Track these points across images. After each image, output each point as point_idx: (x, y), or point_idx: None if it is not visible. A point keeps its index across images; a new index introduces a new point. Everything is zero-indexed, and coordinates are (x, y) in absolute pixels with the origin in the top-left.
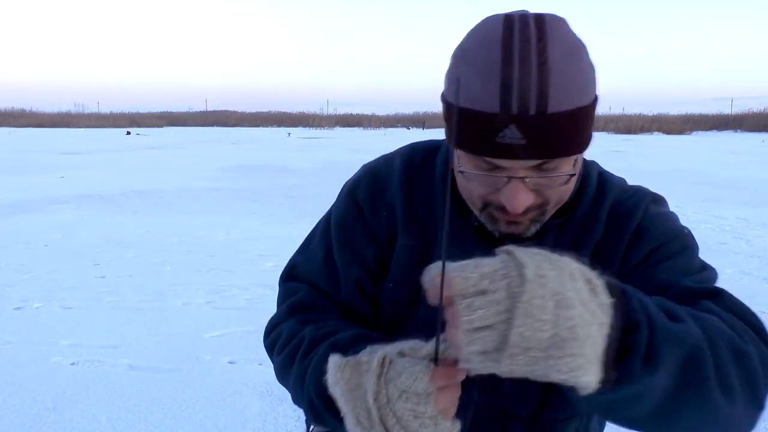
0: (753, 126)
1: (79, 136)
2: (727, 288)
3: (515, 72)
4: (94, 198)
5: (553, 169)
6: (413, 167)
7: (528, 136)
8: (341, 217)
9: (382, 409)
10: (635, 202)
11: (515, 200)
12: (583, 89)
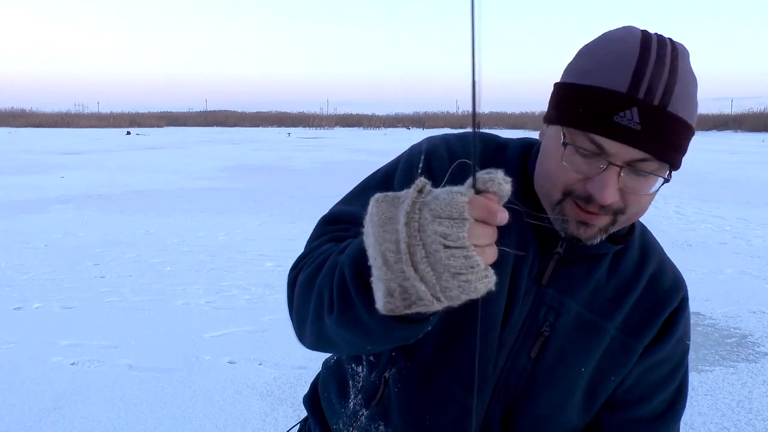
0: (753, 126)
1: (79, 136)
2: (727, 288)
3: (650, 64)
4: (94, 198)
5: (647, 173)
6: (488, 154)
7: (645, 124)
8: (408, 171)
9: (412, 238)
10: (675, 289)
11: (606, 189)
12: (692, 111)
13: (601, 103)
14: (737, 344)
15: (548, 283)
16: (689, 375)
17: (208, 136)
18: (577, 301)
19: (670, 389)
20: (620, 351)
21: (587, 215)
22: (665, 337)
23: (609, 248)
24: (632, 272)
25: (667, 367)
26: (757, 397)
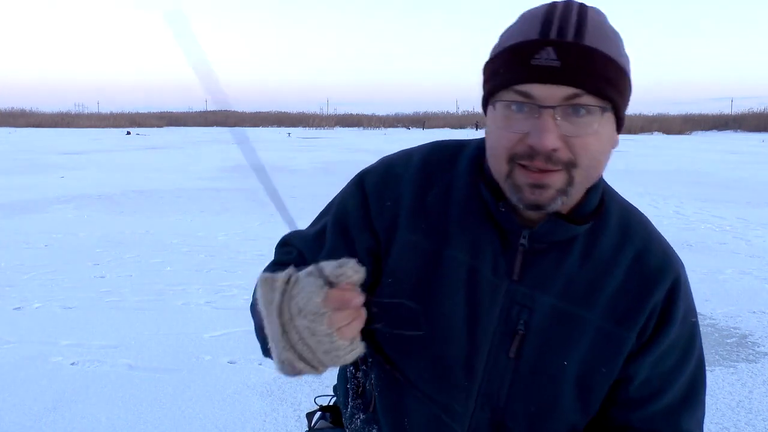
0: (753, 126)
1: (79, 136)
2: (727, 288)
3: (558, 11)
4: (94, 198)
5: (585, 113)
6: (432, 164)
7: (563, 59)
8: (344, 201)
9: (286, 324)
10: (664, 267)
11: (544, 133)
12: (618, 53)
13: (514, 55)
14: (737, 344)
15: (519, 279)
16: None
17: (208, 136)
18: (551, 294)
19: (686, 372)
20: (607, 341)
21: (538, 175)
22: (666, 324)
23: (576, 230)
24: (609, 255)
25: (677, 352)
26: (757, 397)
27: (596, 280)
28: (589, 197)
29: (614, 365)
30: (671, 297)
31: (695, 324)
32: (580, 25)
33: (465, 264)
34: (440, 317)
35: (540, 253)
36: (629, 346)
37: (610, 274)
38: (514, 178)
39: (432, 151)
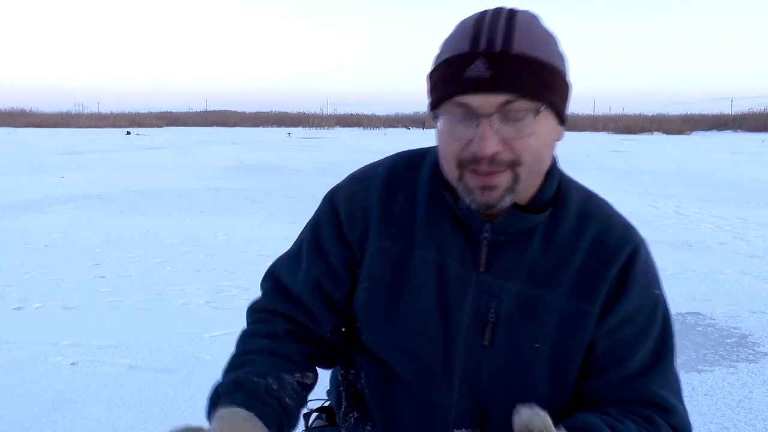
0: (753, 126)
1: (79, 136)
2: (727, 288)
3: (486, 21)
4: (94, 198)
5: (520, 117)
6: (397, 173)
7: (493, 68)
8: (317, 219)
9: None
10: (623, 241)
11: (483, 141)
12: (549, 54)
13: (449, 69)
14: (737, 344)
15: (485, 270)
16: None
17: (208, 136)
18: (516, 281)
19: (650, 340)
20: (573, 318)
21: (484, 177)
22: (622, 293)
23: (535, 219)
24: (570, 238)
25: (639, 321)
26: (757, 397)
27: (558, 263)
28: (545, 188)
29: (582, 341)
30: (628, 267)
31: (659, 296)
32: (508, 33)
33: (434, 262)
34: (415, 315)
35: (503, 244)
36: (594, 320)
37: (571, 256)
38: (465, 181)
39: (395, 162)
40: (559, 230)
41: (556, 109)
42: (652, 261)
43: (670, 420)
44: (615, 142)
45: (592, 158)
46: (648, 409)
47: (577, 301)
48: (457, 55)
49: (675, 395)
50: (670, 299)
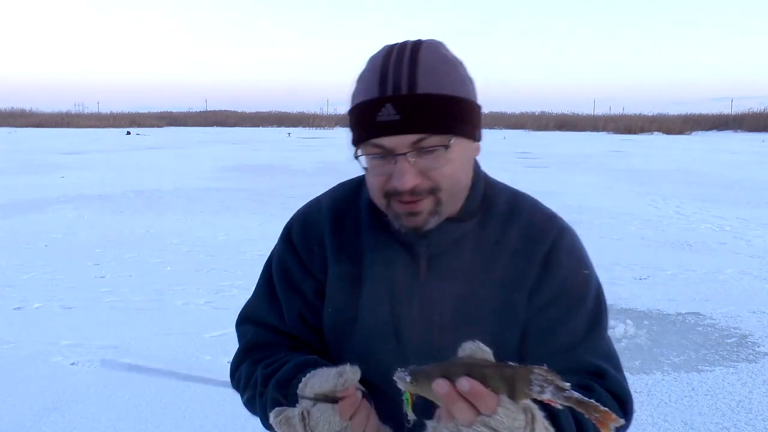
0: (753, 126)
1: (79, 136)
2: (727, 288)
3: (391, 65)
4: (94, 198)
5: (432, 150)
6: (340, 203)
7: (401, 112)
8: (280, 258)
9: None
10: (547, 229)
11: (402, 177)
12: (455, 84)
13: (365, 113)
14: (737, 344)
15: (427, 279)
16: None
17: (208, 136)
18: (454, 283)
19: (580, 318)
20: (509, 307)
21: (408, 205)
22: (548, 275)
23: (466, 227)
24: (498, 237)
25: (569, 299)
26: (757, 397)
27: (490, 260)
28: (471, 197)
29: (519, 326)
30: (552, 250)
31: (588, 275)
32: (413, 73)
33: (383, 276)
34: (372, 325)
35: (440, 253)
36: (525, 305)
37: (501, 252)
38: (393, 208)
39: (336, 194)
40: (489, 231)
41: (467, 134)
42: (578, 244)
43: (605, 384)
44: (615, 142)
45: (592, 158)
46: (584, 377)
47: (510, 292)
48: (368, 100)
49: (609, 362)
50: (670, 299)
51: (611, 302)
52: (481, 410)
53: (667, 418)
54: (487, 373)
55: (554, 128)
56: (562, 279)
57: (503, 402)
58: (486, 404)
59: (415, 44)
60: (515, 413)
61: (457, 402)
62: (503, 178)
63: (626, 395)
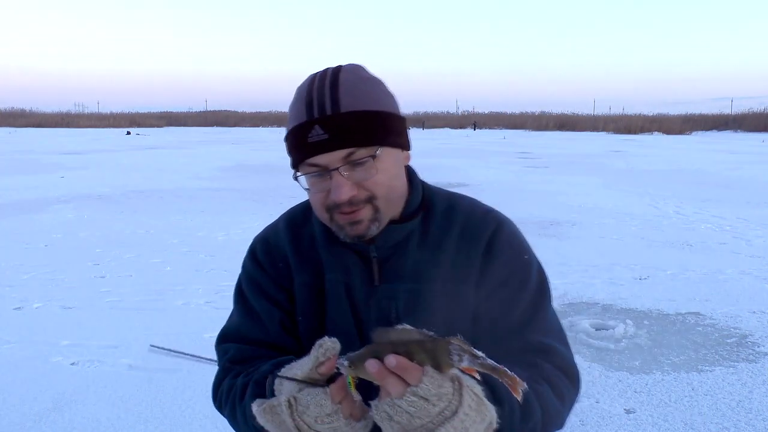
0: (753, 126)
1: (79, 136)
2: (727, 288)
3: (314, 89)
4: (94, 198)
5: (362, 162)
6: (295, 222)
7: (329, 131)
8: (250, 277)
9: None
10: (485, 222)
11: (338, 190)
12: (375, 100)
13: (297, 137)
14: (737, 344)
15: (380, 280)
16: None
17: (208, 136)
18: (404, 281)
19: (524, 300)
20: (457, 298)
21: (348, 215)
22: (491, 263)
23: (408, 227)
24: (440, 234)
25: (511, 285)
26: (757, 397)
27: (435, 256)
28: (411, 200)
29: (468, 316)
30: (493, 240)
31: (529, 260)
32: (334, 95)
33: (342, 282)
34: (335, 327)
35: (389, 256)
36: (472, 295)
37: (444, 247)
38: (336, 221)
39: (290, 216)
40: (431, 229)
41: (393, 144)
42: (517, 233)
43: (551, 360)
44: (615, 142)
45: (592, 158)
46: (531, 355)
47: (456, 283)
48: (299, 125)
49: (555, 339)
50: (670, 299)
51: (611, 302)
52: (409, 382)
53: (667, 418)
54: (411, 348)
55: (554, 128)
56: (504, 266)
57: (428, 372)
58: (412, 376)
59: (335, 69)
60: (441, 381)
61: (388, 377)
62: (503, 178)
63: (571, 367)
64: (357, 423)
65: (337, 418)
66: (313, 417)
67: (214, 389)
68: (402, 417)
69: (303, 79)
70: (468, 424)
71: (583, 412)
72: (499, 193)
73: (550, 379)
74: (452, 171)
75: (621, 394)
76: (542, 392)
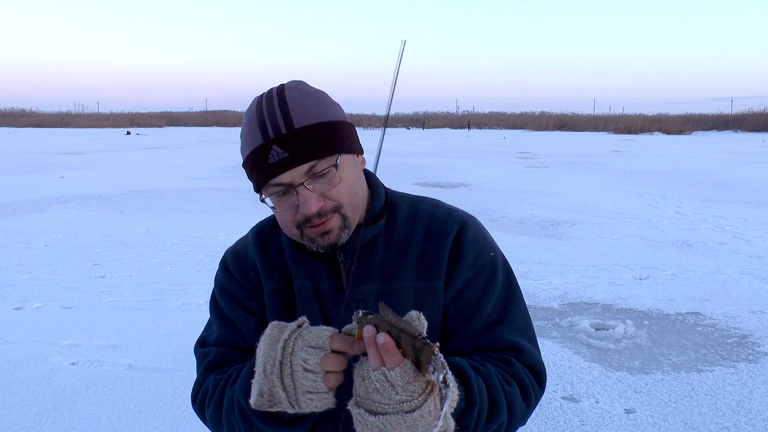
0: (753, 126)
1: (79, 136)
2: (727, 288)
3: (265, 111)
4: (94, 198)
5: (324, 173)
6: (264, 234)
7: (288, 149)
8: (223, 287)
9: (285, 358)
10: (450, 221)
11: (307, 203)
12: (323, 112)
13: (256, 161)
14: (737, 344)
15: (348, 284)
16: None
17: (208, 136)
18: (372, 282)
19: (494, 297)
20: (426, 296)
21: (319, 227)
22: (459, 261)
23: (373, 230)
24: (405, 234)
25: (481, 281)
26: (757, 397)
27: (401, 256)
28: (373, 203)
29: (438, 312)
30: (459, 239)
31: (495, 257)
32: (285, 113)
33: (310, 288)
34: None
35: (356, 260)
36: (442, 292)
37: (410, 247)
38: (307, 235)
39: (258, 229)
40: (396, 231)
41: (350, 150)
42: (482, 230)
43: (522, 359)
44: (615, 142)
45: (592, 158)
46: (503, 353)
47: (425, 282)
48: (256, 148)
49: (525, 337)
50: (670, 299)
51: (611, 302)
52: (386, 363)
53: (667, 418)
54: (402, 337)
55: (554, 128)
56: (471, 265)
57: (405, 364)
58: (390, 360)
59: (279, 89)
60: (411, 377)
61: (371, 348)
62: (503, 178)
63: (540, 368)
64: (320, 382)
65: (318, 354)
66: (304, 342)
67: (195, 391)
68: (369, 385)
69: (247, 112)
70: (421, 425)
71: (583, 412)
72: (499, 193)
73: (520, 379)
74: (452, 171)
75: (621, 394)
76: (511, 394)
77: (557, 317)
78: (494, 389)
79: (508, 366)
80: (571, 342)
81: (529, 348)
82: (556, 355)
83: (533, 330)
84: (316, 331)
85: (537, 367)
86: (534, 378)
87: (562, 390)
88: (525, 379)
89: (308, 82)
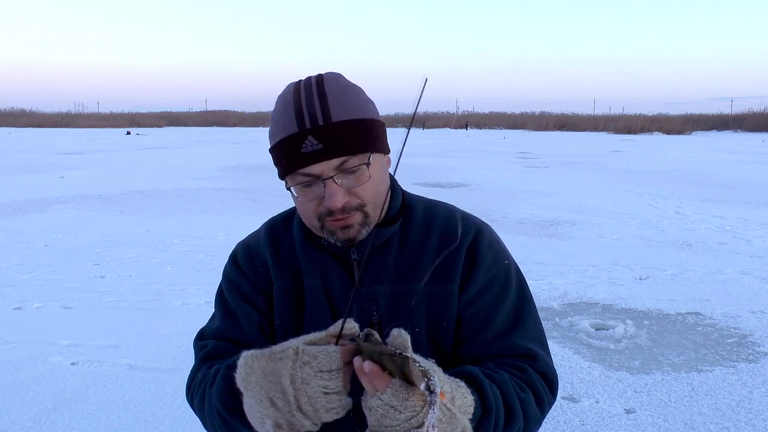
0: (753, 126)
1: (79, 136)
2: (727, 288)
3: (303, 100)
4: (94, 198)
5: (354, 170)
6: (276, 230)
7: (323, 141)
8: (230, 280)
9: (297, 390)
10: (466, 227)
11: (333, 197)
12: (359, 109)
13: (288, 148)
14: (737, 344)
15: (360, 285)
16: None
17: (208, 136)
18: (385, 282)
19: (508, 304)
20: (440, 300)
21: (340, 221)
22: (474, 268)
23: (389, 231)
24: (421, 238)
25: (496, 288)
26: (757, 397)
27: (415, 259)
28: (392, 204)
29: (452, 317)
30: (474, 246)
31: (509, 265)
32: (324, 105)
33: (320, 287)
34: (314, 331)
35: (369, 259)
36: (456, 297)
37: (425, 251)
38: (327, 227)
39: (271, 223)
40: (411, 233)
41: (381, 150)
42: (496, 238)
43: (536, 366)
44: (615, 142)
45: (592, 158)
46: (517, 359)
47: (439, 286)
48: (290, 136)
49: (538, 344)
50: (670, 299)
51: (611, 302)
52: (377, 388)
53: (667, 418)
54: (383, 358)
55: (554, 128)
56: (486, 271)
57: (394, 384)
58: (379, 384)
59: (318, 78)
60: (405, 393)
61: (362, 378)
62: (503, 178)
63: (553, 375)
64: (346, 397)
65: (337, 376)
66: (316, 370)
67: (188, 382)
68: (375, 413)
69: (281, 97)
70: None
71: (583, 412)
72: (498, 193)
73: (534, 386)
74: (452, 171)
75: (621, 394)
76: (526, 400)
77: (557, 317)
78: (509, 395)
79: (522, 373)
80: (571, 342)
81: (542, 355)
82: (556, 355)
83: (545, 337)
84: (322, 354)
85: (550, 375)
86: (547, 385)
87: (562, 390)
88: (539, 385)
89: None
